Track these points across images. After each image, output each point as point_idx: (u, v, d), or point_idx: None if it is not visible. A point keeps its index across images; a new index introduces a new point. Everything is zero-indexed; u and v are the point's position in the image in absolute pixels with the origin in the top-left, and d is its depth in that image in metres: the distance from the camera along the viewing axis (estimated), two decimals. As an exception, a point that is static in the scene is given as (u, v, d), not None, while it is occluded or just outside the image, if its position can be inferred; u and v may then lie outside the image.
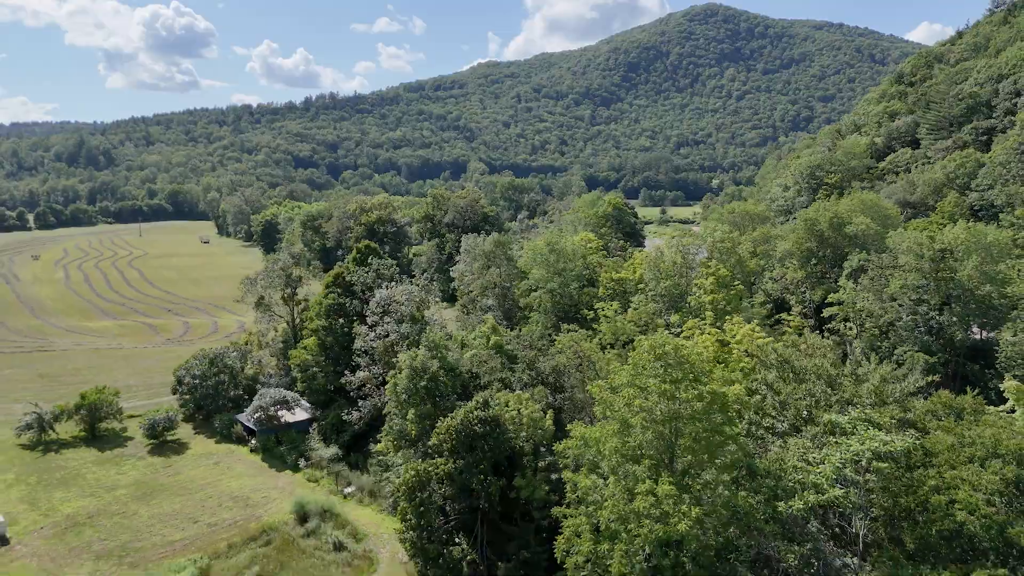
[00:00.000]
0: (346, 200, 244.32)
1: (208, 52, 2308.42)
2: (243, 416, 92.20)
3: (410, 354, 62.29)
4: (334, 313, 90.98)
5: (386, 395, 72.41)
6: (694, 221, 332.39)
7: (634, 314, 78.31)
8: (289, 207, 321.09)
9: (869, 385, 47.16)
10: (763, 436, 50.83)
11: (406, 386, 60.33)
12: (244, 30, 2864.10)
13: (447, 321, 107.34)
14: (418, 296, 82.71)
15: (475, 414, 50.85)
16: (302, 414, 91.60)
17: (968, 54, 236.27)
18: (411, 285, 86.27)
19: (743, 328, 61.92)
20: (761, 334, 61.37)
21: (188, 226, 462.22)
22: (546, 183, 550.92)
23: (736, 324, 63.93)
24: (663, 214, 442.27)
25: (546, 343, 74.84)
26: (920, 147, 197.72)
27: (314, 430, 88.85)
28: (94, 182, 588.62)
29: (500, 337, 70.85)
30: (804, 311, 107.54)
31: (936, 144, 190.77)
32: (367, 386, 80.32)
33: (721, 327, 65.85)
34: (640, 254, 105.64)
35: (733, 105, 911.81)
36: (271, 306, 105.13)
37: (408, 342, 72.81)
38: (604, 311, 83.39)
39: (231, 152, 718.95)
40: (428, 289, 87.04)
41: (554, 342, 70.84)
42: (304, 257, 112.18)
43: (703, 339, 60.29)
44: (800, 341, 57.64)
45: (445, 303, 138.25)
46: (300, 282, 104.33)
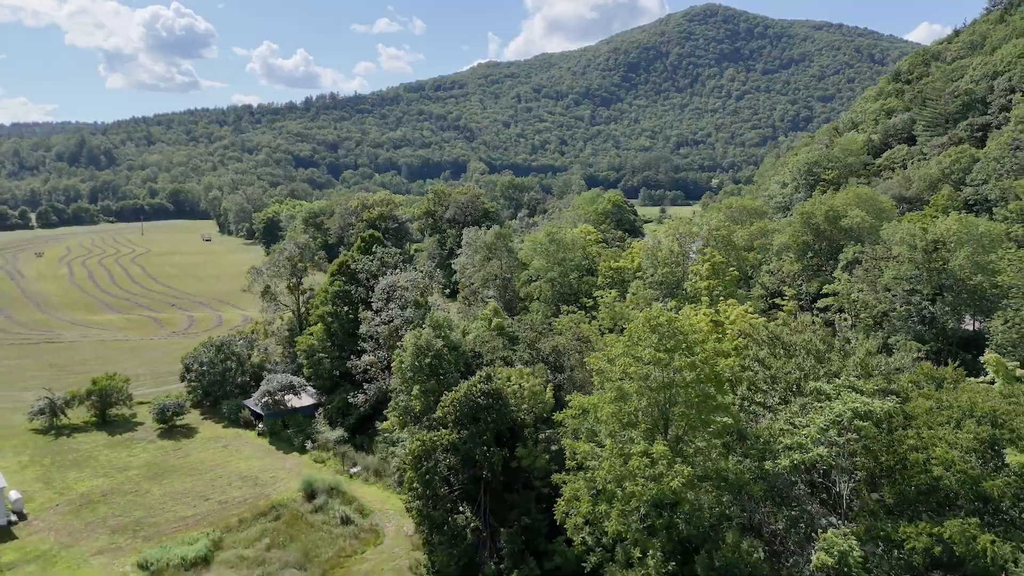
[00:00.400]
0: (348, 197, 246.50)
1: (208, 53, 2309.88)
2: (250, 401, 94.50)
3: (415, 333, 64.53)
4: (339, 300, 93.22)
5: (391, 379, 74.65)
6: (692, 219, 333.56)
7: (632, 299, 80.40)
8: (291, 205, 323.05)
9: (855, 358, 49.30)
10: (755, 411, 52.96)
11: (411, 363, 62.57)
12: (244, 31, 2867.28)
13: (449, 314, 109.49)
14: (421, 283, 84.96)
15: (478, 387, 53.05)
16: (308, 399, 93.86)
17: (965, 52, 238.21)
18: (415, 272, 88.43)
19: (737, 309, 64.07)
20: (754, 314, 63.51)
21: (189, 225, 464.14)
22: (546, 183, 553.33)
23: (730, 305, 66.09)
24: (662, 213, 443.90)
25: (546, 328, 76.96)
26: (916, 143, 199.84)
27: (320, 414, 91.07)
28: (95, 181, 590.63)
29: (502, 319, 73.04)
30: (800, 304, 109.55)
31: (932, 140, 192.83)
32: (372, 369, 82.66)
33: (716, 310, 67.95)
34: (638, 244, 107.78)
35: (733, 105, 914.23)
36: (277, 295, 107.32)
37: (412, 326, 74.91)
38: (603, 299, 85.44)
39: (232, 152, 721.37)
40: (431, 275, 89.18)
41: (554, 327, 73.01)
42: (310, 248, 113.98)
43: (698, 318, 62.35)
44: (790, 319, 59.74)
45: (448, 298, 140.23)
46: (305, 272, 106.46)
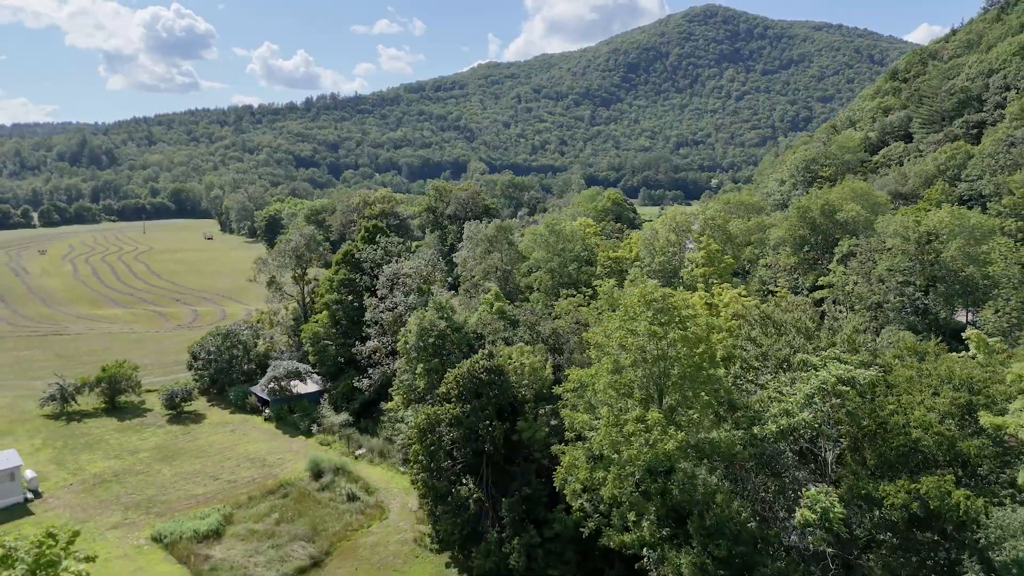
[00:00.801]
0: (349, 195, 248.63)
1: (208, 54, 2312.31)
2: (257, 388, 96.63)
3: (418, 314, 66.72)
4: (344, 288, 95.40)
5: (395, 363, 76.73)
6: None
7: (630, 286, 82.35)
8: (292, 204, 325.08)
9: (843, 335, 51.40)
10: (747, 389, 55.03)
11: (415, 343, 64.69)
12: (244, 32, 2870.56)
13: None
14: (424, 270, 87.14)
15: (480, 364, 55.14)
16: (313, 386, 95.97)
17: (961, 51, 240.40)
18: (418, 260, 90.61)
19: (730, 292, 66.16)
20: (747, 296, 65.60)
21: (191, 224, 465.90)
22: (546, 182, 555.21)
23: (724, 289, 68.20)
24: (662, 213, 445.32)
25: (546, 313, 79.00)
26: (912, 141, 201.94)
27: (325, 400, 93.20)
28: (97, 181, 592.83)
29: (503, 303, 75.18)
30: (796, 295, 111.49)
31: (928, 137, 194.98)
32: (377, 354, 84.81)
33: (711, 293, 70.05)
34: (636, 234, 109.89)
35: (732, 105, 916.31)
36: (282, 286, 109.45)
37: (416, 312, 76.98)
38: (601, 287, 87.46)
39: (233, 152, 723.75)
40: (434, 263, 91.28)
41: (554, 310, 75.08)
42: (315, 239, 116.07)
43: (693, 299, 64.35)
44: (781, 301, 61.82)
45: (450, 291, 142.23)
46: (310, 262, 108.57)
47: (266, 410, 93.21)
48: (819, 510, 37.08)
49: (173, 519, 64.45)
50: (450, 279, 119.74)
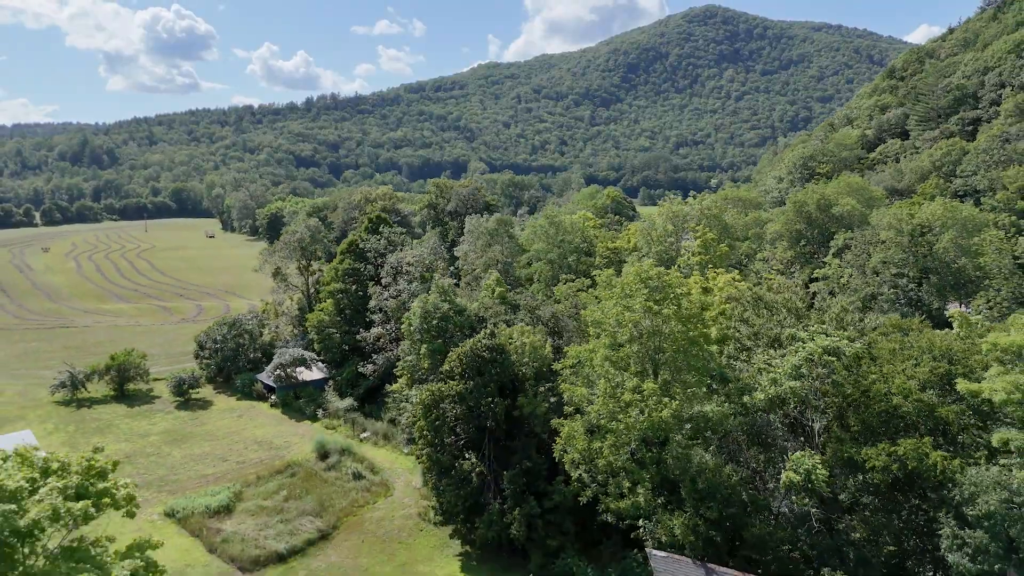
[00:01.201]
0: (351, 192, 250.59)
1: (208, 54, 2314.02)
2: (263, 375, 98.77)
3: (422, 297, 68.85)
4: (349, 278, 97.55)
5: (399, 348, 78.75)
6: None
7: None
8: (293, 202, 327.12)
9: (831, 314, 53.47)
10: (740, 368, 57.09)
11: (419, 325, 66.82)
12: (244, 32, 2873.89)
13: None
14: (427, 259, 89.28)
15: (483, 343, 57.18)
16: (318, 373, 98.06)
17: (958, 49, 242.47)
18: (421, 249, 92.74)
19: (724, 277, 68.17)
20: (740, 280, 67.57)
21: (193, 223, 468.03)
22: (546, 182, 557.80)
23: (719, 273, 70.24)
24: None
25: (546, 299, 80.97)
26: (909, 138, 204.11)
27: (330, 387, 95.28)
28: (98, 180, 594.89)
29: (504, 288, 77.23)
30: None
31: (924, 134, 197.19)
32: (381, 340, 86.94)
33: (705, 277, 72.00)
34: (634, 225, 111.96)
35: (732, 106, 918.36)
36: (287, 277, 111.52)
37: (419, 296, 78.99)
38: (600, 276, 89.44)
39: (233, 151, 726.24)
40: (436, 252, 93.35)
41: (553, 294, 77.11)
42: (319, 231, 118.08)
43: (688, 282, 66.31)
44: (772, 283, 63.87)
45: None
46: (315, 254, 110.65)
47: (272, 396, 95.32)
48: (803, 472, 39.12)
49: (185, 496, 66.55)
50: (452, 268, 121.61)
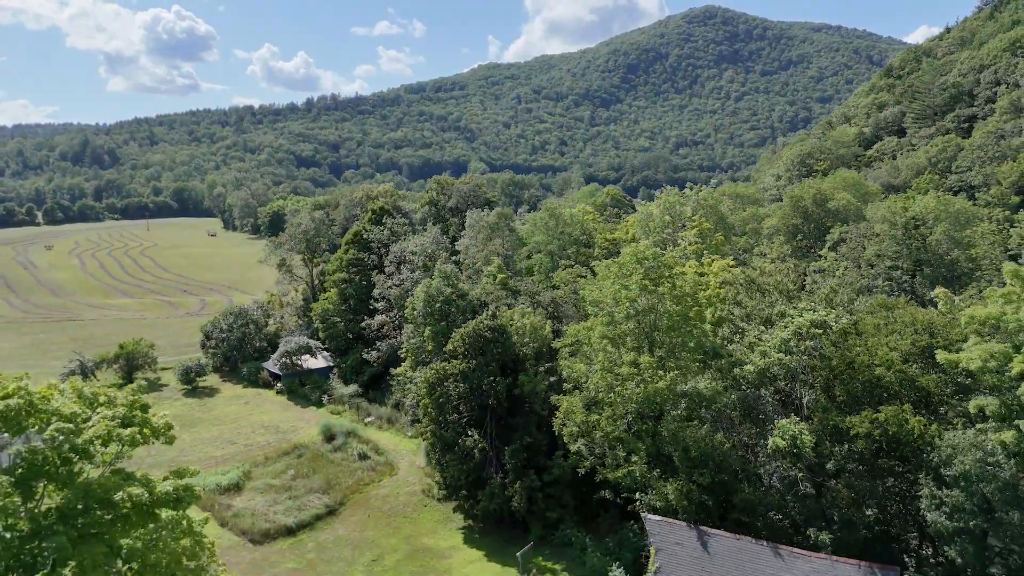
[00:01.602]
0: (352, 190, 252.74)
1: (209, 55, 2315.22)
2: (268, 363, 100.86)
3: (426, 282, 70.89)
4: (353, 268, 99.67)
5: (402, 336, 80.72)
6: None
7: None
8: (295, 200, 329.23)
9: (821, 293, 55.49)
10: (732, 347, 59.13)
11: (423, 309, 68.85)
12: (245, 33, 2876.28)
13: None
14: (430, 248, 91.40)
15: (485, 323, 59.19)
16: (323, 361, 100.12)
17: (955, 48, 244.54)
18: (423, 238, 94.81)
19: (719, 263, 70.16)
20: (735, 266, 69.56)
21: (194, 222, 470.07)
22: (546, 182, 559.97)
23: (714, 260, 72.22)
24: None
25: (546, 288, 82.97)
26: (906, 135, 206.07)
27: (334, 374, 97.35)
28: (99, 180, 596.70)
29: (505, 275, 79.26)
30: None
31: (920, 132, 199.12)
32: (385, 328, 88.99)
33: (701, 263, 74.05)
34: (632, 217, 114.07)
35: (732, 106, 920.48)
36: (292, 268, 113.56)
37: (423, 281, 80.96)
38: (599, 267, 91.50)
39: (234, 152, 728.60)
40: (439, 242, 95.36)
41: (552, 279, 79.18)
42: (324, 224, 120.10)
43: (684, 268, 68.36)
44: (765, 266, 65.92)
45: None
46: (319, 246, 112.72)
47: (278, 384, 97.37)
48: (789, 437, 41.12)
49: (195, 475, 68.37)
50: (454, 259, 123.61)
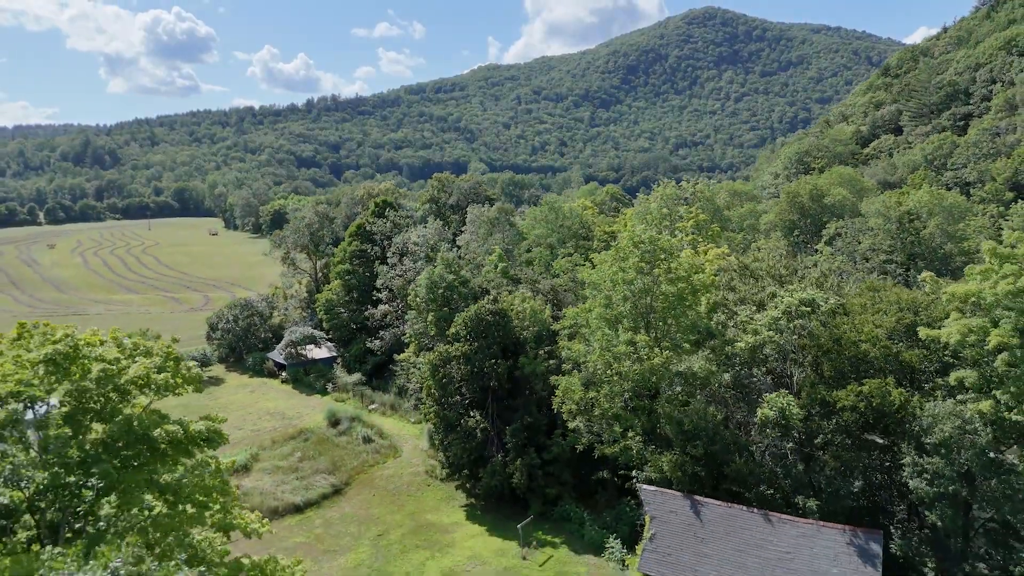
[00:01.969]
0: (354, 188, 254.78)
1: (209, 57, 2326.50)
2: (273, 353, 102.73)
3: (429, 269, 72.76)
4: (356, 259, 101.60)
5: (405, 325, 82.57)
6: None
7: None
8: (295, 200, 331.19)
9: (811, 277, 57.34)
10: (726, 328, 61.02)
11: (425, 296, 70.73)
12: (245, 35, 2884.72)
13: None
14: (432, 239, 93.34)
15: (486, 307, 61.03)
16: (327, 351, 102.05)
17: (951, 47, 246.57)
18: (426, 229, 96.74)
19: (715, 251, 72.00)
20: (729, 255, 71.39)
21: (195, 221, 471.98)
22: (546, 182, 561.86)
23: (709, 248, 74.09)
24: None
25: (546, 276, 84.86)
26: (902, 133, 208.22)
27: (338, 363, 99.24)
28: (100, 180, 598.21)
29: (506, 263, 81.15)
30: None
31: (917, 129, 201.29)
32: (388, 317, 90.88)
33: (696, 251, 75.91)
34: (630, 210, 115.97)
35: (731, 107, 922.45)
36: (296, 261, 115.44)
37: (426, 268, 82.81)
38: (597, 259, 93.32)
39: (235, 152, 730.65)
40: (440, 233, 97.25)
41: (551, 269, 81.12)
42: (328, 218, 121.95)
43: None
44: (758, 252, 67.77)
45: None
46: (323, 239, 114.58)
47: (283, 373, 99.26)
48: (777, 408, 42.99)
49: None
50: (456, 251, 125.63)
